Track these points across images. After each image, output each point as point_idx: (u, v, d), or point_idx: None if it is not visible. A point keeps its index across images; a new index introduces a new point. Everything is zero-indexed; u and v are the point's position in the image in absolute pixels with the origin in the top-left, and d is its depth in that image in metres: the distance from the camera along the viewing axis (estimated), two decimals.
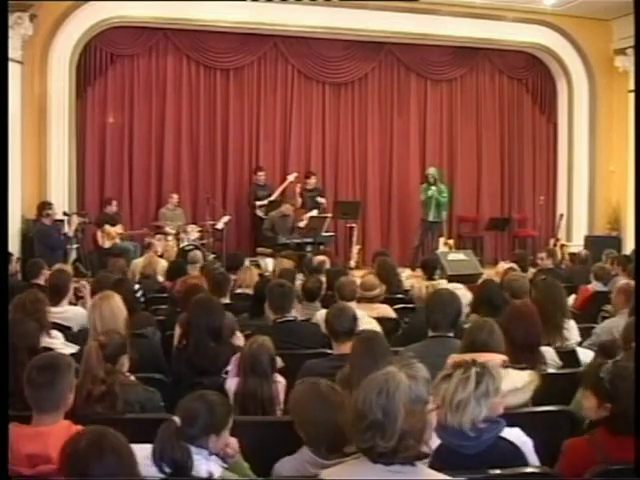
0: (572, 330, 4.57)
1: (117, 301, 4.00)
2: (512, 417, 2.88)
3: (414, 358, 2.15)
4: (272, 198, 10.97)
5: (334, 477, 2.15)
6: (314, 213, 10.85)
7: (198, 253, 8.77)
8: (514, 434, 2.55)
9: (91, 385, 2.98)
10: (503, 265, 9.13)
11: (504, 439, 2.49)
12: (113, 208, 10.20)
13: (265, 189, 11.09)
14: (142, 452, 2.19)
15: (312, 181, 11.27)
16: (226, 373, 3.46)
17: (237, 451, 2.60)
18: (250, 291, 5.91)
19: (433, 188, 10.99)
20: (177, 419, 2.34)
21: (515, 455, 2.48)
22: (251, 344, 3.36)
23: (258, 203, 10.98)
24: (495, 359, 3.04)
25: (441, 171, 11.54)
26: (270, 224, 10.46)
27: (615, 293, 5.07)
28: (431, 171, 11.23)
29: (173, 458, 2.24)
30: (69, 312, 4.99)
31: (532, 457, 2.56)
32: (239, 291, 5.95)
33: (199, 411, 2.47)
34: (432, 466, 2.21)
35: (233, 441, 2.60)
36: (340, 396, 2.61)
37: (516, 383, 2.96)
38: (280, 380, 3.34)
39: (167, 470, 2.25)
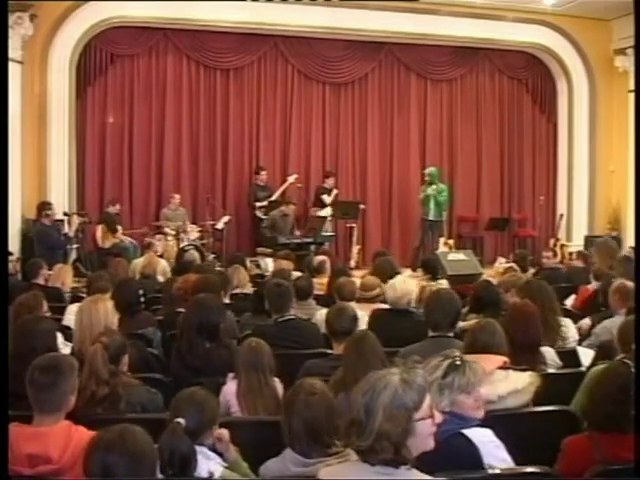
0: (570, 328, 4.57)
1: (100, 308, 3.87)
2: (512, 417, 2.89)
3: (419, 363, 2.16)
4: (272, 199, 10.97)
5: (330, 477, 2.17)
6: (327, 212, 10.88)
7: (195, 253, 8.80)
8: (480, 434, 2.52)
9: (95, 387, 2.98)
10: (501, 261, 9.18)
11: (464, 436, 2.47)
12: (115, 209, 10.20)
13: (265, 190, 11.09)
14: None
15: (330, 181, 11.30)
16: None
17: (229, 441, 2.62)
18: (245, 290, 5.93)
19: (432, 187, 10.99)
20: (182, 420, 2.36)
21: (469, 453, 2.44)
22: (250, 343, 3.37)
23: (258, 204, 10.98)
24: (496, 360, 3.04)
25: (441, 170, 11.51)
26: (270, 223, 10.49)
27: (612, 294, 5.06)
28: (428, 170, 11.22)
29: (182, 457, 2.26)
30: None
31: (498, 458, 2.50)
32: (236, 291, 5.95)
33: (191, 410, 2.49)
34: None
35: (223, 431, 2.62)
36: (324, 394, 2.61)
37: (516, 385, 2.95)
38: (277, 382, 3.34)
39: (169, 470, 2.25)
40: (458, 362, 2.54)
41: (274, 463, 2.58)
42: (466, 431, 2.47)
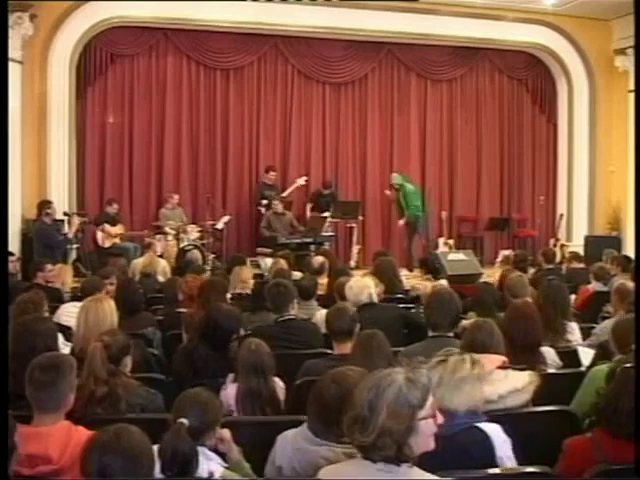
0: (574, 332, 4.57)
1: (106, 307, 3.89)
2: (512, 417, 2.89)
3: (423, 363, 2.19)
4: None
5: (331, 476, 2.18)
6: (326, 214, 10.90)
7: (197, 253, 8.79)
8: (492, 428, 2.55)
9: (94, 386, 2.98)
10: (504, 253, 9.23)
11: (479, 429, 2.50)
12: (114, 209, 10.20)
13: (273, 189, 11.07)
14: None
15: (327, 191, 11.30)
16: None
17: (230, 441, 2.63)
18: (241, 290, 5.94)
19: (400, 193, 11.04)
20: (185, 420, 2.36)
21: (484, 445, 2.48)
22: (249, 345, 3.35)
23: (263, 202, 10.97)
24: (495, 360, 3.04)
25: (405, 176, 11.45)
26: (266, 223, 10.53)
27: (613, 294, 5.07)
28: (395, 181, 11.17)
29: (184, 457, 2.26)
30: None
31: (505, 453, 2.53)
32: (237, 291, 5.95)
33: (195, 410, 2.49)
34: None
35: (225, 432, 2.63)
36: (345, 385, 2.60)
37: (516, 384, 2.95)
38: (278, 382, 3.34)
39: (171, 470, 2.26)
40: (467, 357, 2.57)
41: (292, 434, 2.63)
42: (480, 425, 2.50)
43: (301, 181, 11.18)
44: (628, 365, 2.73)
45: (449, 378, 2.47)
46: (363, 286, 4.87)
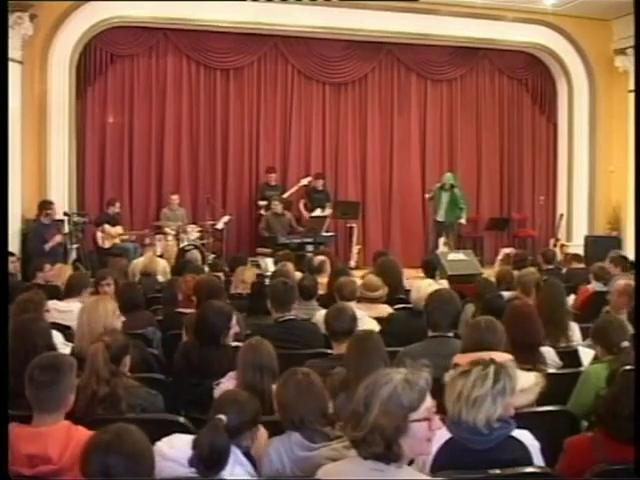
0: (574, 332, 4.58)
1: (107, 306, 3.89)
2: (515, 417, 2.89)
3: (426, 365, 2.18)
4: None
5: (328, 476, 2.20)
6: (319, 212, 10.89)
7: (196, 253, 8.79)
8: (524, 435, 2.54)
9: (96, 386, 2.97)
10: (505, 251, 9.22)
11: (514, 438, 2.49)
12: (115, 209, 10.18)
13: (276, 189, 11.07)
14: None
15: (320, 182, 11.28)
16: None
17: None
18: (240, 291, 5.93)
19: (446, 194, 11.04)
20: (223, 417, 2.38)
21: (523, 455, 2.48)
22: (250, 341, 3.33)
23: (261, 203, 10.96)
24: (502, 358, 3.03)
25: (456, 176, 11.52)
26: (265, 224, 10.53)
27: (615, 294, 5.06)
28: (448, 179, 11.20)
29: (220, 452, 2.28)
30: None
31: (538, 460, 2.54)
32: (237, 291, 5.95)
33: (233, 409, 2.50)
34: (438, 458, 2.33)
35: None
36: (316, 383, 2.68)
37: (522, 384, 2.94)
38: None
39: (202, 463, 2.27)
40: (497, 366, 2.48)
41: (280, 443, 2.61)
42: (515, 433, 2.48)
43: (304, 181, 11.19)
44: (628, 368, 2.72)
45: (467, 394, 2.39)
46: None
